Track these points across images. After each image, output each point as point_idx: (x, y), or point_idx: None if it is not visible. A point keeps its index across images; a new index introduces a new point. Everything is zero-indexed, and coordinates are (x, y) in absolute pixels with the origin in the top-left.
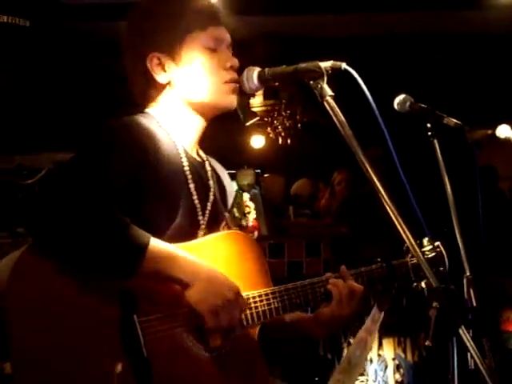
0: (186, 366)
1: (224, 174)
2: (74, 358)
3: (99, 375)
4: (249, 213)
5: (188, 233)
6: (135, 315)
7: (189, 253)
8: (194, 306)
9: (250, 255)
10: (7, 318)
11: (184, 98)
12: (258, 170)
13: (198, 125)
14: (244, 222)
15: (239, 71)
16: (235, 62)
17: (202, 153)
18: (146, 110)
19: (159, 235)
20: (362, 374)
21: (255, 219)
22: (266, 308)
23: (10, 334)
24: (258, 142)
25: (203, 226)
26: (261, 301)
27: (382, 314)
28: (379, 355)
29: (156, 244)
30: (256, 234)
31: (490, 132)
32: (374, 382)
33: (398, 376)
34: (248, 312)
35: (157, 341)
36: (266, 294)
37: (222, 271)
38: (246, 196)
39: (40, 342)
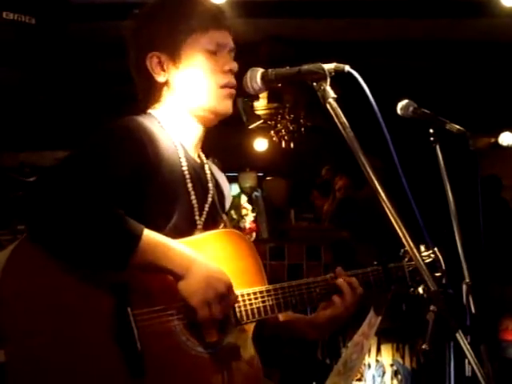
0: (180, 361)
1: (223, 178)
2: (66, 349)
3: (93, 368)
4: (246, 215)
5: (185, 232)
6: (129, 308)
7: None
8: (186, 298)
9: (246, 253)
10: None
11: (184, 103)
12: (261, 173)
13: (198, 131)
14: (241, 224)
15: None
16: (234, 65)
17: (202, 156)
18: (149, 110)
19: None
20: (360, 380)
21: (253, 221)
22: (261, 305)
23: (3, 324)
24: (260, 144)
25: (200, 227)
26: (255, 298)
27: (379, 318)
28: (377, 361)
29: (149, 235)
30: (254, 235)
31: (492, 140)
32: None
33: (395, 382)
34: (243, 309)
35: (151, 334)
36: (261, 292)
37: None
38: (243, 198)
39: (33, 332)
